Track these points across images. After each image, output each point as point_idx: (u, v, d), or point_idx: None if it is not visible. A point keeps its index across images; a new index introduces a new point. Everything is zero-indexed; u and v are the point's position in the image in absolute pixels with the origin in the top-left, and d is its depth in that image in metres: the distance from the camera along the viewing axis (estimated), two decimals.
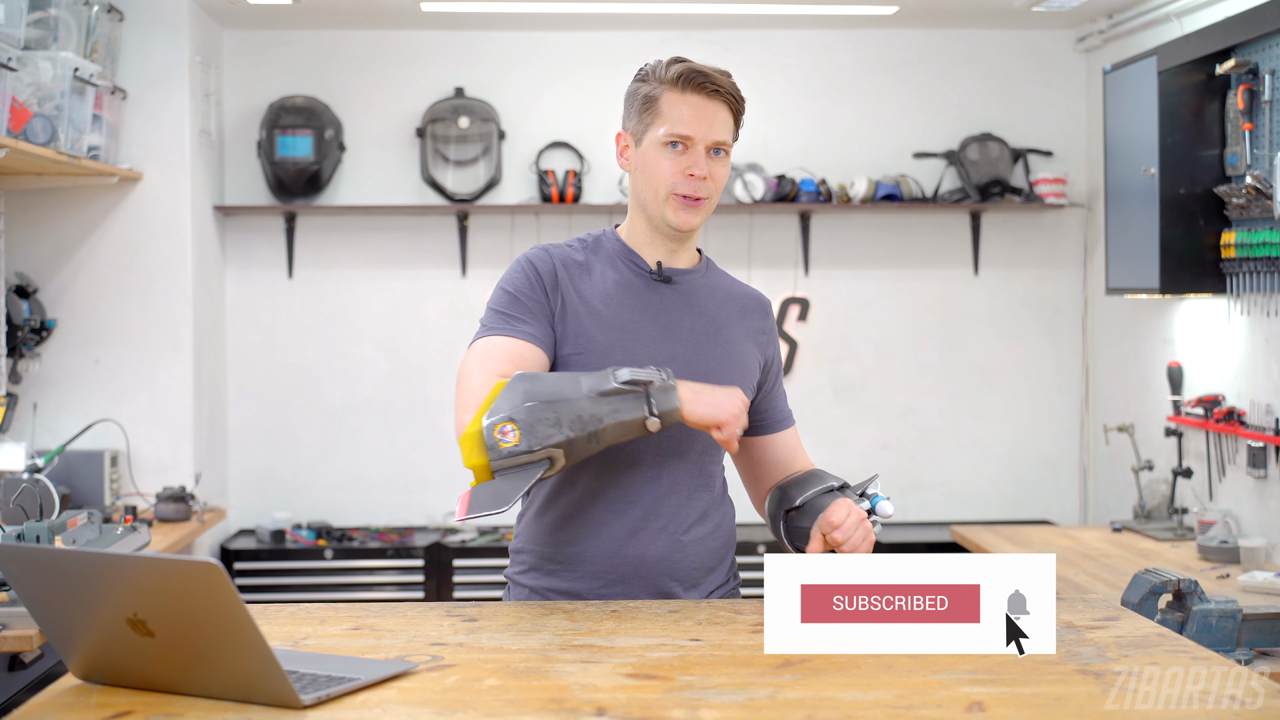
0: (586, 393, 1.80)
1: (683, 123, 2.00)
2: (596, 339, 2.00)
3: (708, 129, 2.01)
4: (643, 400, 1.81)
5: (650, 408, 1.81)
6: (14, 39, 3.42)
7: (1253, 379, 3.86)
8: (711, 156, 2.02)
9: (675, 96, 2.01)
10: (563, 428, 1.78)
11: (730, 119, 2.04)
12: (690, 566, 2.04)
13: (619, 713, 1.44)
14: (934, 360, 5.16)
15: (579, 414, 1.79)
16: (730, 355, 2.07)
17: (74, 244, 4.43)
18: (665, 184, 2.01)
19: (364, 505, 5.03)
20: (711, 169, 2.02)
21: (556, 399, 1.79)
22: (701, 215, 2.04)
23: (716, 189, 2.04)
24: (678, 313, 2.06)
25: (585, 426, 1.79)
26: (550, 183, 4.89)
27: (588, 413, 1.79)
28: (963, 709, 1.45)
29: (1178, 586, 2.65)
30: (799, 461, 2.18)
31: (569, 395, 1.80)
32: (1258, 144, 3.62)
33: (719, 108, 2.02)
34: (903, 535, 4.92)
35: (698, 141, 2.00)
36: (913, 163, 5.08)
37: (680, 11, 4.80)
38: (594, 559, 2.02)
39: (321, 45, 5.01)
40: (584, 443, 1.80)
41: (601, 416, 1.80)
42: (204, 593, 1.40)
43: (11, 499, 3.11)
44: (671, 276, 2.07)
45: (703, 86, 2.00)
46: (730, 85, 2.03)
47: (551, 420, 1.78)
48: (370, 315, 5.06)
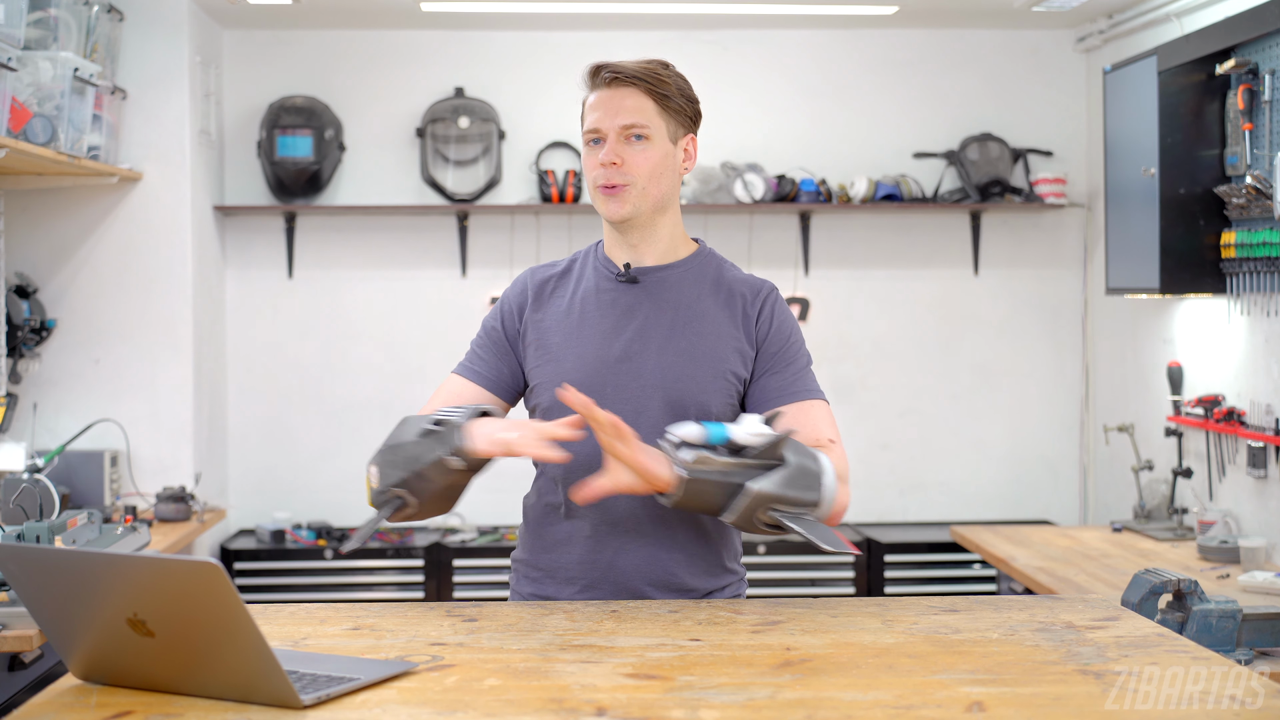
0: (416, 436, 1.91)
1: (592, 116, 2.05)
2: (554, 344, 2.07)
3: (613, 115, 2.02)
4: (442, 440, 1.89)
5: (443, 447, 1.89)
6: (14, 39, 3.42)
7: (1253, 379, 3.86)
8: (629, 142, 2.02)
9: (590, 95, 2.08)
10: (398, 469, 1.91)
11: (646, 101, 2.02)
12: (668, 573, 2.03)
13: (619, 713, 1.44)
14: (934, 360, 5.16)
15: (407, 455, 1.91)
16: (699, 346, 2.04)
17: (74, 244, 4.43)
18: (590, 180, 2.06)
19: (364, 505, 5.00)
20: (624, 154, 2.01)
21: (398, 444, 1.92)
22: (629, 203, 2.02)
23: (639, 174, 2.01)
24: (640, 311, 2.06)
25: (411, 467, 1.90)
26: (550, 183, 4.89)
27: (412, 454, 1.90)
28: (963, 709, 1.45)
29: (1178, 586, 2.65)
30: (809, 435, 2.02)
31: (405, 440, 1.92)
32: (1258, 144, 3.62)
33: (627, 93, 2.03)
34: (903, 535, 4.92)
35: (606, 131, 2.03)
36: (913, 163, 5.08)
37: (680, 11, 4.80)
38: (568, 565, 2.05)
39: (321, 45, 5.01)
40: (416, 482, 1.90)
41: (419, 456, 1.89)
42: (204, 593, 1.40)
43: (11, 499, 3.11)
44: (637, 276, 2.08)
45: (605, 79, 2.04)
46: (638, 69, 2.02)
47: (391, 461, 1.92)
48: (370, 315, 5.06)
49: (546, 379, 2.05)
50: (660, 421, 1.99)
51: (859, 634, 1.76)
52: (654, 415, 2.01)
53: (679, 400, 2.02)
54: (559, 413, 1.98)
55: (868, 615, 1.87)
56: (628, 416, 1.95)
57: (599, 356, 2.04)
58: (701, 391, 2.03)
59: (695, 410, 2.02)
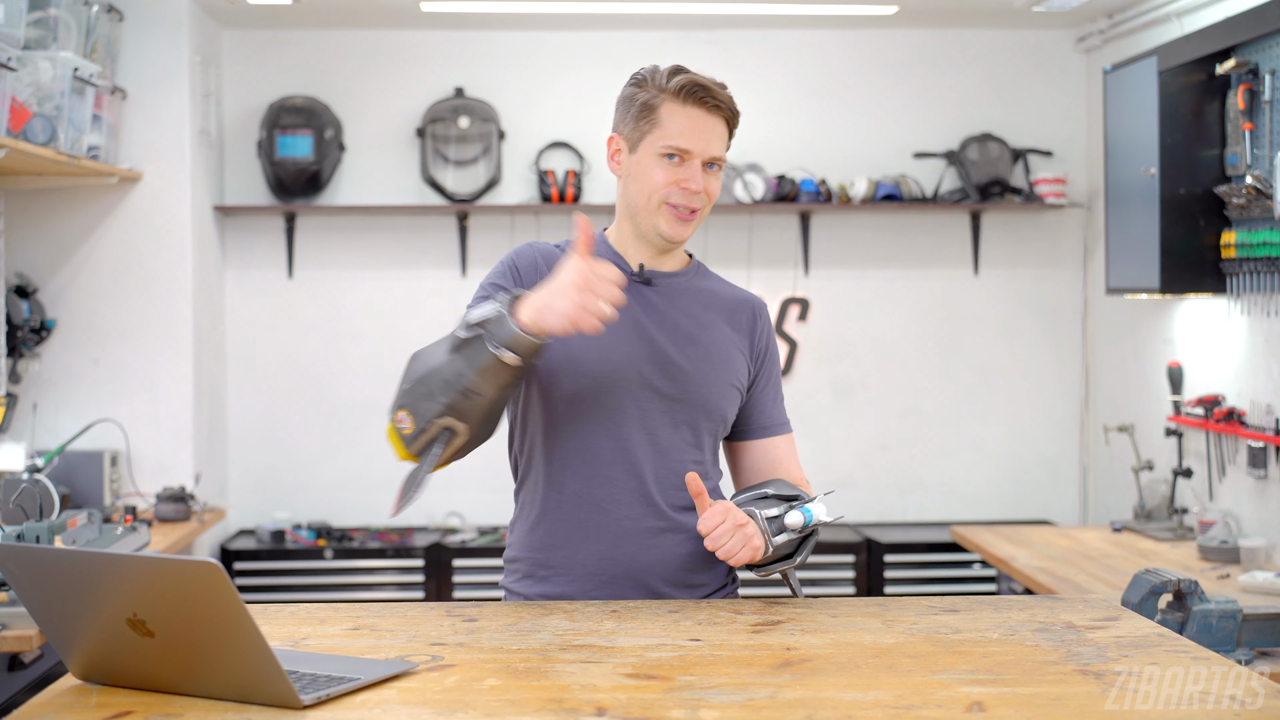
0: (447, 354, 1.80)
1: (682, 135, 1.98)
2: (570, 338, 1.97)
3: (706, 143, 1.99)
4: (485, 340, 1.77)
5: (493, 343, 1.76)
6: (14, 39, 3.42)
7: (1253, 379, 3.86)
8: (706, 170, 2.01)
9: (675, 107, 1.99)
10: (437, 397, 1.79)
11: (726, 133, 2.03)
12: (682, 569, 2.03)
13: (619, 713, 1.44)
14: (934, 360, 5.16)
15: (445, 378, 1.79)
16: (712, 356, 2.04)
17: (74, 244, 4.43)
18: (659, 194, 2.00)
19: (364, 505, 5.03)
20: (706, 183, 2.00)
21: (427, 371, 1.80)
22: (693, 228, 2.03)
23: (709, 203, 2.03)
24: (657, 313, 2.05)
25: (455, 387, 1.78)
26: (550, 183, 4.89)
27: (451, 372, 1.79)
28: (963, 709, 1.45)
29: (1178, 587, 2.65)
30: (781, 472, 2.12)
31: (435, 364, 1.80)
32: (1258, 144, 3.62)
33: (717, 122, 2.00)
34: (903, 535, 4.92)
35: (695, 155, 1.99)
36: (913, 163, 5.08)
37: (680, 11, 4.80)
38: (585, 561, 2.02)
39: (321, 45, 5.01)
40: (464, 402, 1.78)
41: (462, 371, 1.78)
42: (204, 593, 1.40)
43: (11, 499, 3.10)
44: (653, 279, 2.06)
45: (704, 100, 1.99)
46: (729, 100, 2.02)
47: (425, 393, 1.80)
48: (370, 315, 5.06)
49: (566, 369, 1.99)
50: (682, 425, 2.01)
51: (859, 634, 1.76)
52: (677, 417, 2.02)
53: (702, 404, 2.03)
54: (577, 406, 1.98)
55: (868, 615, 1.87)
56: (652, 416, 1.99)
57: (624, 353, 2.00)
58: (721, 398, 2.05)
59: (714, 416, 2.05)
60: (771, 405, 2.14)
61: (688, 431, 2.03)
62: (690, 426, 2.03)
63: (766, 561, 1.96)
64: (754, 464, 2.14)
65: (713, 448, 2.09)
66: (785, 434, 2.15)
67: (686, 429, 2.03)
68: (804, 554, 1.98)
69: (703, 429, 2.04)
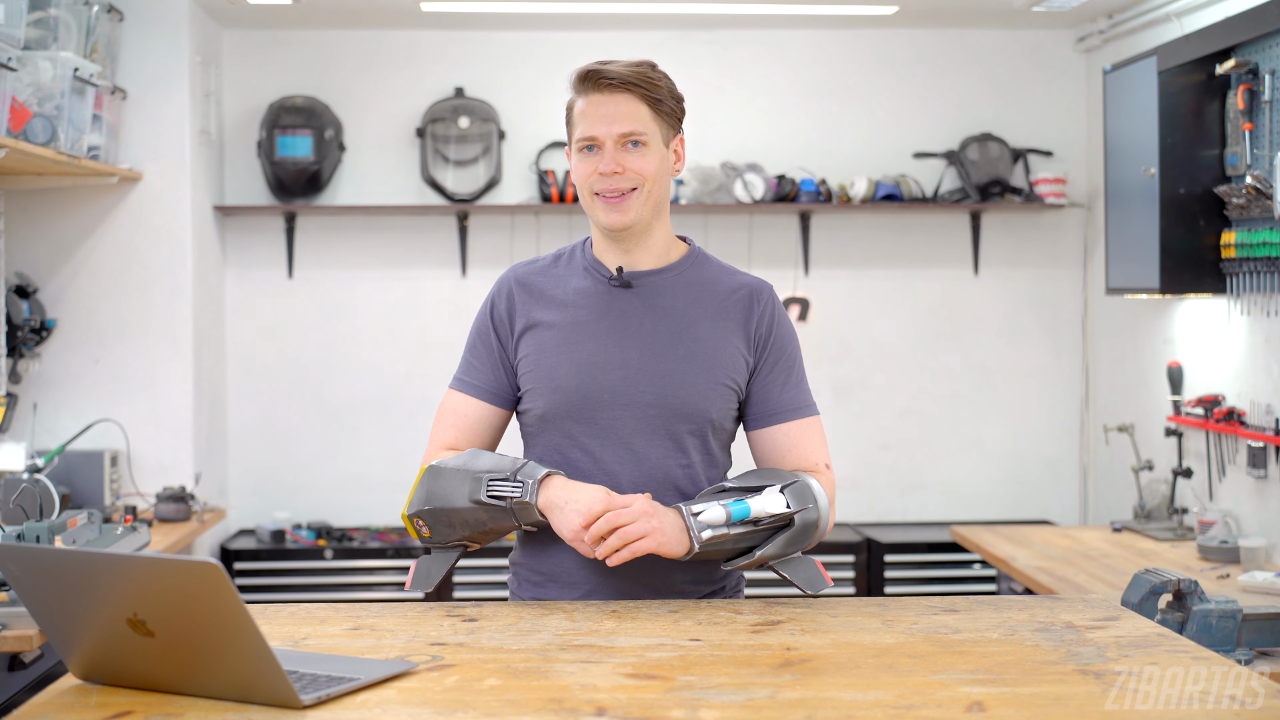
0: (469, 501, 1.95)
1: (586, 123, 1.99)
2: (546, 350, 2.03)
3: (610, 123, 1.97)
4: (509, 514, 1.94)
5: (516, 520, 1.95)
6: (14, 39, 3.42)
7: (1253, 379, 3.86)
8: (626, 149, 1.98)
9: (579, 100, 2.01)
10: (456, 529, 1.99)
11: (641, 107, 1.99)
12: (667, 578, 2.01)
13: (619, 713, 1.44)
14: (934, 360, 5.16)
15: (466, 520, 1.97)
16: (693, 357, 2.01)
17: (74, 244, 4.43)
18: (585, 187, 2.02)
19: (364, 505, 5.03)
20: (625, 161, 1.98)
21: (448, 507, 1.97)
22: (633, 211, 2.00)
23: (643, 179, 1.99)
24: (636, 317, 2.03)
25: (475, 527, 1.98)
26: (550, 183, 4.89)
27: (473, 519, 1.96)
28: (963, 709, 1.45)
29: (1178, 586, 2.65)
30: (792, 459, 2.05)
31: (456, 504, 1.96)
32: (1258, 144, 3.62)
33: (622, 99, 1.98)
34: (903, 535, 4.92)
35: (603, 139, 1.98)
36: (913, 163, 5.08)
37: (680, 11, 4.80)
38: (570, 570, 2.03)
39: (321, 45, 5.01)
40: (482, 536, 1.99)
41: (484, 521, 1.96)
42: (204, 593, 1.40)
43: (11, 499, 3.11)
44: (631, 281, 2.04)
45: (599, 83, 1.98)
46: (628, 74, 1.98)
47: (446, 523, 1.99)
48: (370, 315, 5.06)
49: (539, 385, 2.03)
50: (659, 432, 2.00)
51: (859, 634, 1.76)
52: (654, 424, 2.00)
53: (679, 409, 2.00)
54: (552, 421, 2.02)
55: (868, 615, 1.87)
56: (627, 426, 1.99)
57: (595, 364, 2.00)
58: (702, 399, 2.01)
59: (695, 418, 2.01)
60: (780, 391, 2.06)
61: (665, 438, 2.01)
62: (668, 433, 2.01)
63: (727, 557, 1.96)
64: (762, 453, 2.08)
65: (701, 449, 2.04)
66: (797, 419, 2.06)
67: (664, 435, 2.01)
68: (770, 547, 1.93)
69: (682, 433, 2.01)
